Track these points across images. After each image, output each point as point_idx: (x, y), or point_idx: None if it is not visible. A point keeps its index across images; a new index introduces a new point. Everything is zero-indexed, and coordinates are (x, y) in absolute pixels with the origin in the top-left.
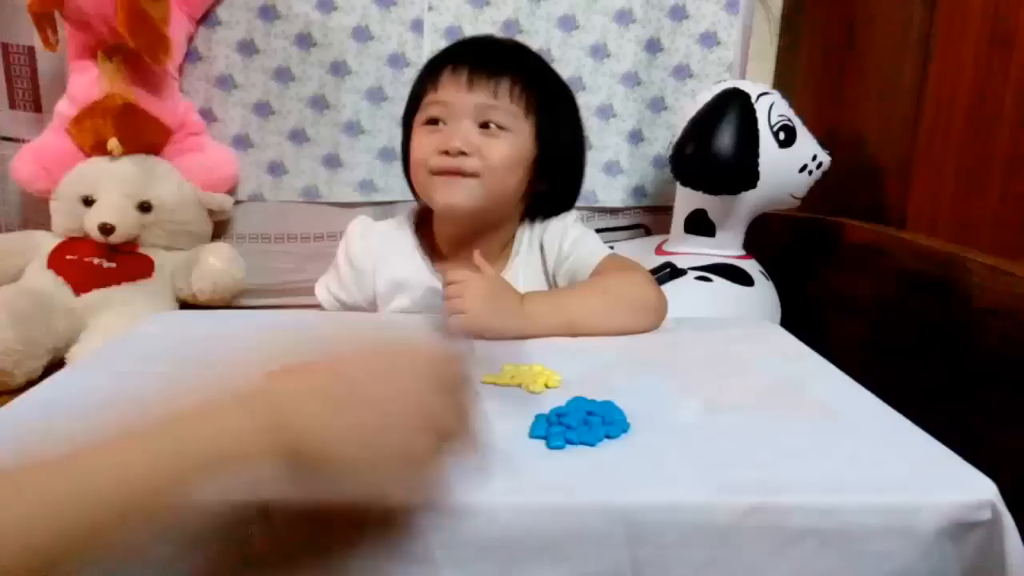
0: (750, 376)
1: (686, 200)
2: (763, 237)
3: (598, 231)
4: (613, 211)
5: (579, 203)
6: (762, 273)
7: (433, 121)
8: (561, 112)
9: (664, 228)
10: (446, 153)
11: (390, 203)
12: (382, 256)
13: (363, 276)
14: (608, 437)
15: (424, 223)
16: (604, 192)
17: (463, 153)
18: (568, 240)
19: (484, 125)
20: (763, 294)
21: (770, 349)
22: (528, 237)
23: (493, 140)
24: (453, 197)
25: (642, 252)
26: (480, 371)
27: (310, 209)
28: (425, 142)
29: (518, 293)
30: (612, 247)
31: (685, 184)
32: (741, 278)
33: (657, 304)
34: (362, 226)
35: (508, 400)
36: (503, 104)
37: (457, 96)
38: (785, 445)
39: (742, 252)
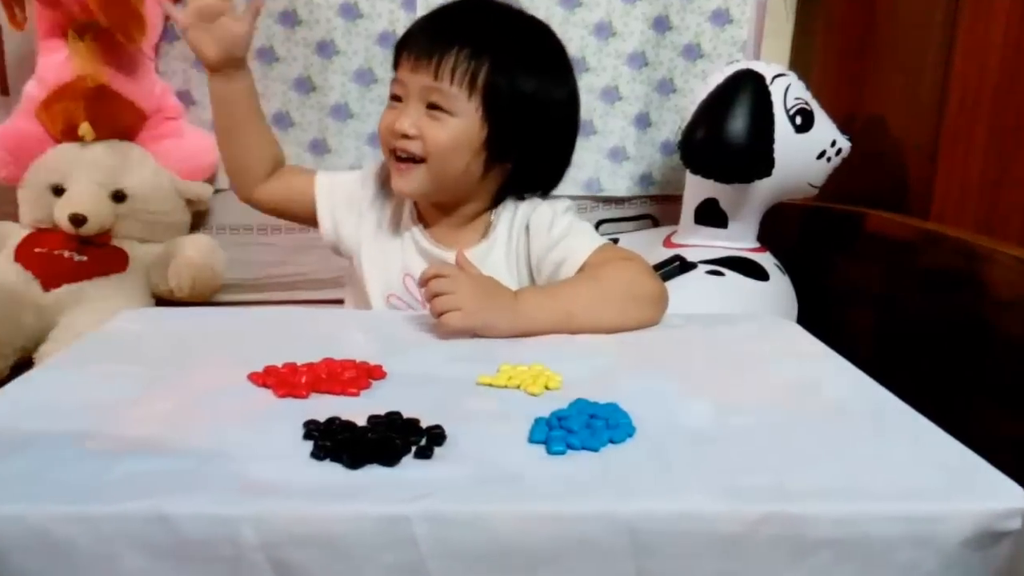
0: (764, 376)
1: (696, 189)
2: (778, 228)
3: (602, 222)
4: (618, 201)
5: (582, 192)
6: (777, 267)
7: (396, 98)
8: (517, 87)
9: (673, 219)
10: (394, 132)
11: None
12: (374, 207)
13: (353, 204)
14: (612, 442)
15: None
16: (609, 180)
17: (408, 136)
18: (557, 227)
19: (431, 106)
20: (778, 289)
21: (785, 347)
22: (510, 217)
23: (436, 124)
24: (403, 185)
25: (649, 244)
26: (476, 373)
27: None
28: (387, 118)
29: (509, 289)
30: (617, 239)
31: (695, 172)
32: (755, 272)
33: (657, 295)
34: (374, 166)
35: (506, 403)
36: (443, 87)
37: (408, 77)
38: (800, 449)
39: (756, 244)
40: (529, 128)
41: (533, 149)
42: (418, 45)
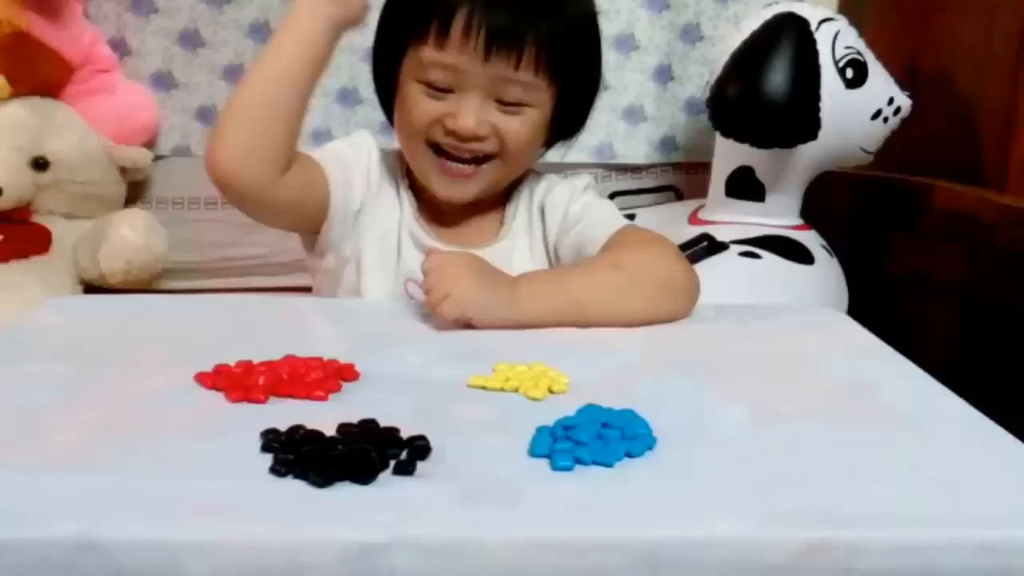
0: (809, 378)
1: (728, 155)
2: (826, 202)
3: (617, 194)
4: (635, 169)
5: (591, 159)
6: (824, 248)
7: (437, 87)
8: (593, 60)
9: (700, 191)
10: (453, 133)
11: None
12: (373, 183)
13: (362, 175)
14: (629, 455)
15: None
16: (624, 145)
17: (480, 137)
18: (576, 205)
19: (503, 99)
20: (825, 274)
21: (834, 343)
22: (526, 202)
23: (513, 119)
24: (457, 193)
25: (672, 221)
26: (466, 373)
27: None
28: (426, 108)
29: (508, 274)
30: (634, 215)
31: (727, 135)
32: (797, 254)
33: (687, 284)
34: (369, 140)
35: (502, 409)
36: (525, 77)
37: (470, 65)
38: (854, 465)
39: (799, 221)
40: (592, 100)
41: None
42: (491, 25)
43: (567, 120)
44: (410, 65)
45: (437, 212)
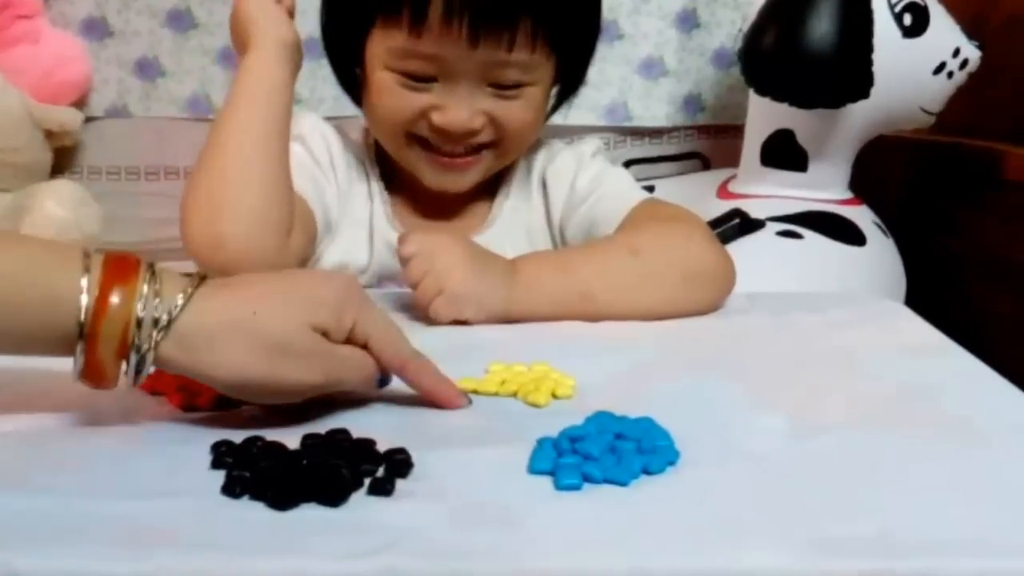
0: (860, 380)
1: (764, 116)
2: (879, 172)
3: (632, 163)
4: (654, 133)
5: (602, 121)
6: (877, 225)
7: (416, 76)
8: (593, 20)
9: (731, 159)
10: (441, 130)
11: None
12: (340, 176)
13: (329, 177)
14: (647, 472)
15: (382, 151)
16: (640, 104)
17: (475, 130)
18: (584, 175)
19: (499, 84)
20: (879, 256)
21: (889, 339)
22: (522, 175)
23: (509, 104)
24: (452, 184)
25: (698, 195)
26: (455, 374)
27: (199, 129)
28: (405, 102)
29: (503, 257)
30: (652, 187)
31: (762, 92)
32: (845, 233)
33: (718, 270)
34: (316, 124)
35: (497, 416)
36: (521, 58)
37: (454, 53)
38: (913, 484)
39: (847, 194)
40: (591, 53)
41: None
42: (472, 7)
43: (571, 83)
44: (378, 51)
45: (413, 201)
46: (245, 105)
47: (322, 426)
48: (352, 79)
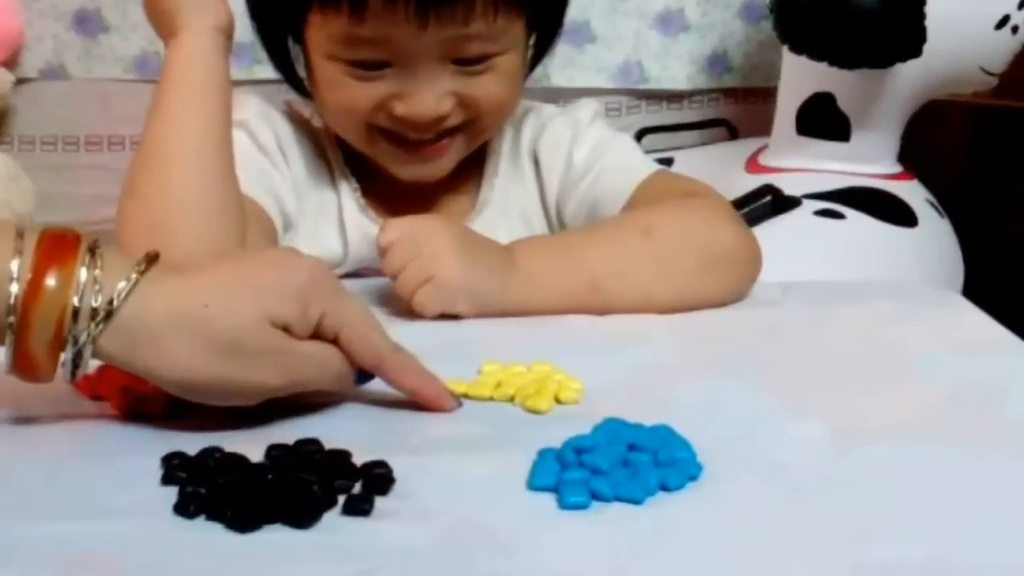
0: (910, 382)
1: (800, 78)
2: (933, 142)
3: (648, 131)
4: (672, 97)
5: (612, 83)
6: (930, 203)
7: (365, 64)
8: None
9: (761, 127)
10: (405, 120)
11: (278, 81)
12: (293, 166)
13: (280, 167)
14: (664, 489)
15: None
16: (656, 64)
17: (438, 118)
18: (582, 146)
19: (462, 60)
20: (932, 239)
21: (944, 334)
22: (510, 149)
23: (479, 80)
24: (426, 173)
25: (724, 168)
26: (444, 376)
27: (148, 93)
28: (358, 94)
29: (497, 242)
30: (671, 160)
31: (798, 50)
32: (894, 212)
33: (743, 254)
34: (260, 108)
35: (492, 424)
36: (482, 28)
37: (404, 36)
38: (971, 501)
39: (896, 168)
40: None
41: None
42: None
43: (548, 35)
44: (318, 38)
45: (389, 186)
46: (181, 105)
47: (290, 435)
48: (295, 70)
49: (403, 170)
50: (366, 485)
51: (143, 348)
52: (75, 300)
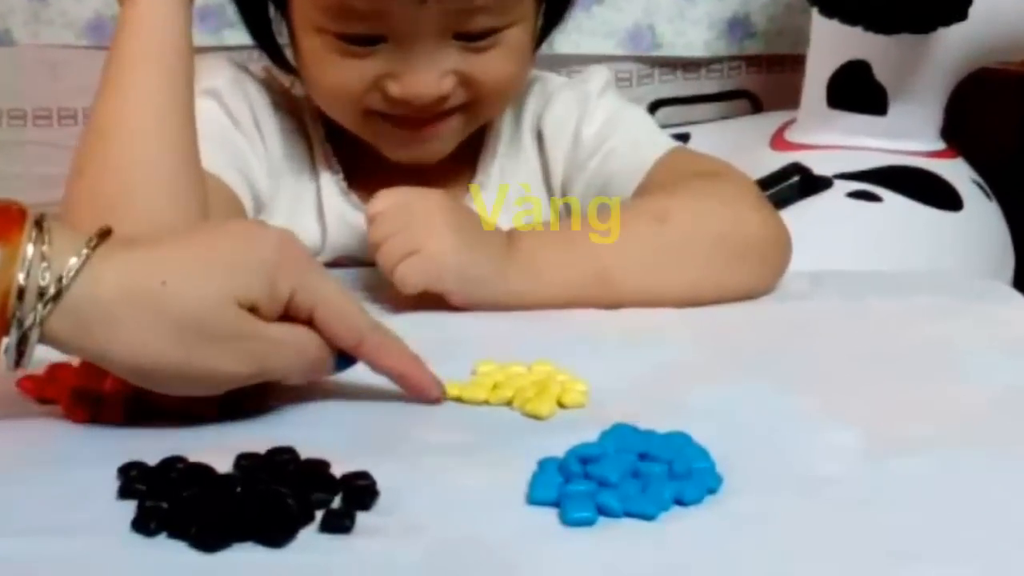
0: (954, 383)
1: (831, 44)
2: (980, 116)
3: (662, 104)
4: (689, 66)
5: (622, 49)
6: (976, 184)
7: (359, 39)
8: None
9: (788, 99)
10: (401, 102)
11: (251, 47)
12: (269, 141)
13: (254, 142)
14: (680, 503)
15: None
16: (671, 29)
17: (438, 99)
18: (591, 122)
19: (466, 35)
20: (978, 224)
21: (992, 331)
22: (510, 126)
23: (483, 57)
24: (422, 155)
25: (747, 145)
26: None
27: (101, 61)
28: (348, 73)
29: (496, 229)
30: (687, 136)
31: (829, 13)
32: (936, 194)
33: (768, 241)
34: (234, 75)
35: (487, 431)
36: (488, 0)
37: (402, 6)
38: (1020, 519)
39: (938, 144)
40: None
41: None
42: None
43: (560, 6)
44: (304, 8)
45: (375, 168)
46: (135, 71)
47: (262, 443)
48: (276, 41)
49: (397, 152)
50: (346, 499)
51: (95, 330)
52: (21, 278)
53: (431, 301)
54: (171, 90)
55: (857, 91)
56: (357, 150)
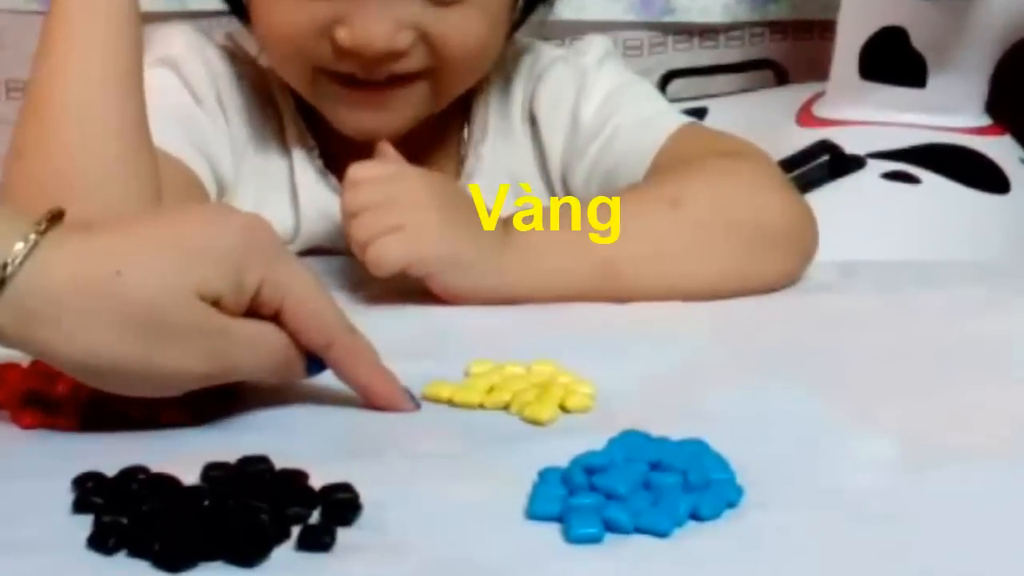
0: (1001, 386)
1: (864, 8)
2: None
3: (675, 75)
4: (707, 33)
5: (632, 15)
6: None
7: None
8: None
9: (816, 71)
10: (350, 52)
11: (216, 14)
12: (233, 116)
13: (216, 118)
14: (696, 518)
15: None
16: None
17: (392, 54)
18: (591, 100)
19: None
20: None
21: None
22: (499, 106)
23: (447, 13)
24: (374, 125)
25: (770, 120)
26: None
27: None
28: (294, 16)
29: (492, 215)
30: (704, 110)
31: None
32: (981, 174)
33: (793, 228)
34: (194, 42)
35: (483, 438)
36: None
37: None
38: None
39: (983, 120)
40: None
41: None
42: None
43: None
44: None
45: (353, 151)
46: (75, 38)
47: (232, 451)
48: None
49: (347, 120)
50: (326, 514)
51: (42, 323)
52: None
53: (419, 288)
54: (115, 57)
55: (893, 61)
56: (330, 137)
